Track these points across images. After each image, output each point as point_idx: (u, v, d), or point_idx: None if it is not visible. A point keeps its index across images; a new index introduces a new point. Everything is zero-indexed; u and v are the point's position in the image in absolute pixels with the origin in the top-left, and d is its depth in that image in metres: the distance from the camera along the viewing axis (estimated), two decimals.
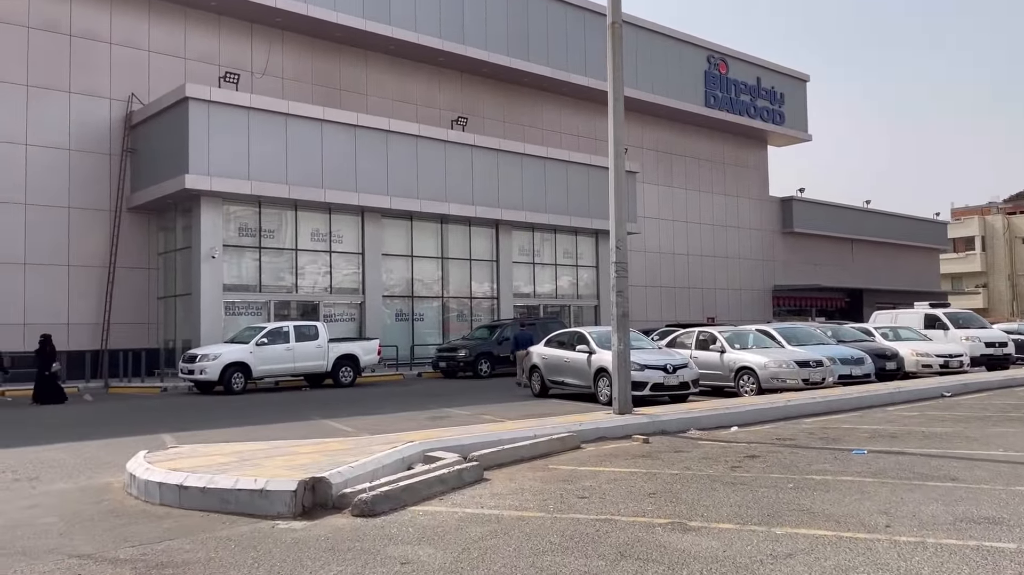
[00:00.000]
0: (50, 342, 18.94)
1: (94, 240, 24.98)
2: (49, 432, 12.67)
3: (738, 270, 45.22)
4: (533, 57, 34.22)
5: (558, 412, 13.34)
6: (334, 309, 26.90)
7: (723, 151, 45.09)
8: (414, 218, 28.75)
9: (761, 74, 45.14)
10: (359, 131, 26.41)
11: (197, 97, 23.08)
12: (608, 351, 14.78)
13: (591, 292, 34.55)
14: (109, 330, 24.79)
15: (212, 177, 23.06)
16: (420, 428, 11.60)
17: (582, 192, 32.83)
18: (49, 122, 24.45)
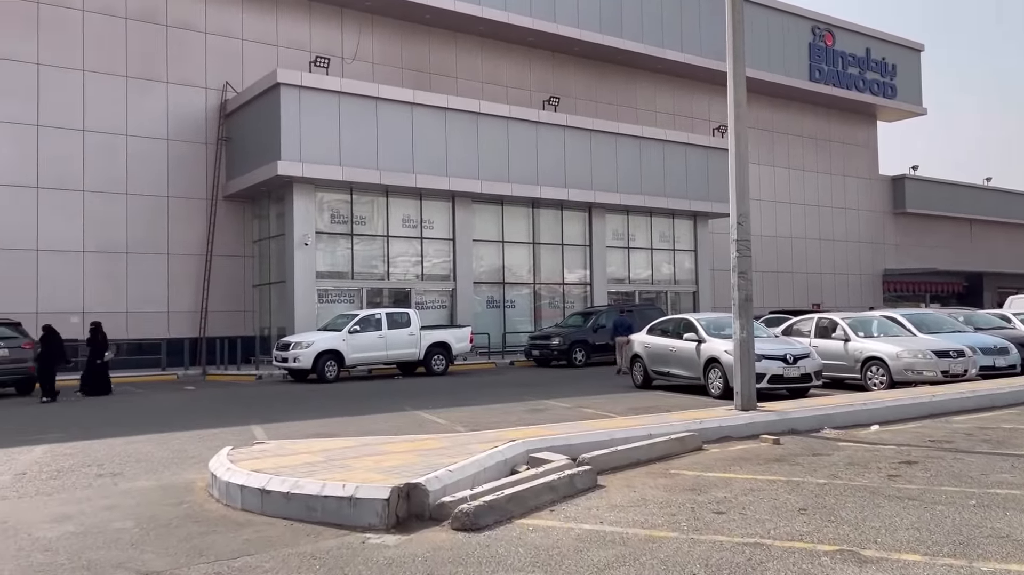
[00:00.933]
0: (100, 330, 18.07)
1: (192, 229, 25.25)
2: (142, 420, 12.46)
3: (844, 253, 42.70)
4: (626, 33, 32.86)
5: (667, 406, 12.30)
6: (425, 296, 26.45)
7: (829, 128, 42.56)
8: (505, 202, 27.99)
9: (871, 44, 42.32)
10: (449, 114, 25.77)
11: (288, 83, 22.88)
12: (719, 340, 13.65)
13: (689, 278, 33.06)
14: (207, 318, 25.03)
15: (304, 163, 22.85)
16: (519, 423, 10.76)
17: (679, 172, 31.36)
18: (148, 113, 24.78)
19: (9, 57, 22.83)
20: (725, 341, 13.78)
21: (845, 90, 40.84)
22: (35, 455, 9.25)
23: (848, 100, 41.47)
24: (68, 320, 23.31)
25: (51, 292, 22.98)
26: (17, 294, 22.39)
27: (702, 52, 35.21)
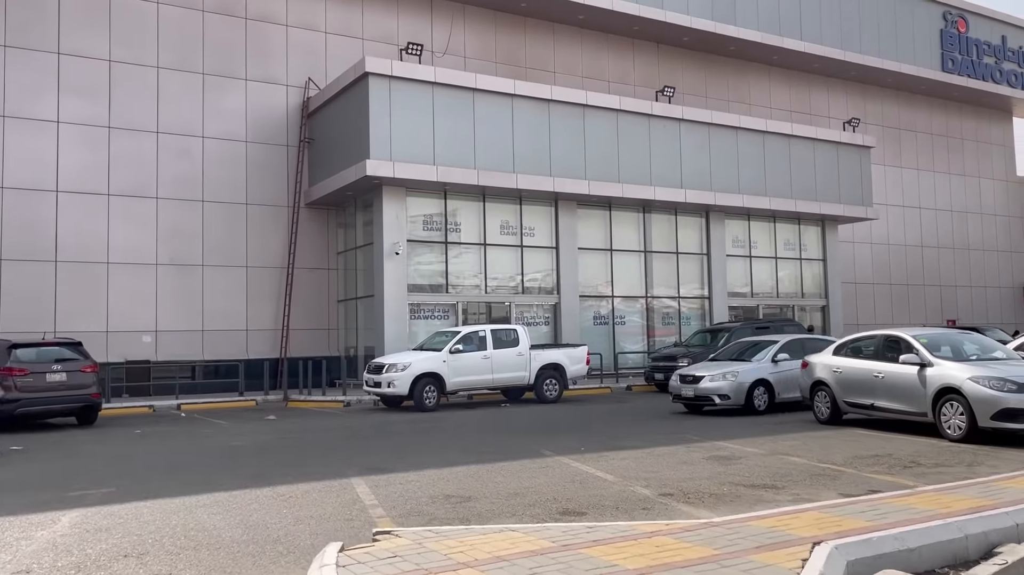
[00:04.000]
0: None
1: (272, 239, 22.99)
2: (210, 467, 9.80)
3: (981, 264, 38.09)
4: (740, 21, 29.55)
5: (907, 456, 8.98)
6: (526, 311, 23.52)
7: (960, 124, 38.17)
8: (613, 206, 24.92)
9: (1006, 32, 37.86)
10: (553, 107, 22.93)
11: (378, 72, 20.41)
12: (954, 364, 10.27)
13: (817, 290, 29.30)
14: (288, 337, 22.66)
15: (395, 163, 20.29)
16: (719, 479, 7.64)
17: (807, 172, 27.76)
18: (225, 113, 22.70)
19: (78, 53, 21.03)
20: (965, 365, 10.39)
21: (981, 81, 36.49)
22: (59, 529, 6.58)
23: (983, 93, 37.09)
24: (140, 339, 21.28)
25: (121, 309, 20.94)
26: (85, 311, 20.41)
27: (822, 41, 31.61)
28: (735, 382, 14.41)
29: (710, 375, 14.62)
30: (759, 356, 15.21)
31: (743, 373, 14.52)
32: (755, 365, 14.86)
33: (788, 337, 15.85)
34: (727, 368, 14.78)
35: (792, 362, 14.56)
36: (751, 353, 15.63)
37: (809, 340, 15.85)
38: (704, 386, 14.58)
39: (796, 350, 14.93)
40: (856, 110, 33.47)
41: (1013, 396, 9.61)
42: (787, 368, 14.62)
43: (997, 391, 9.72)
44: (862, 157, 29.39)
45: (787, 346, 15.13)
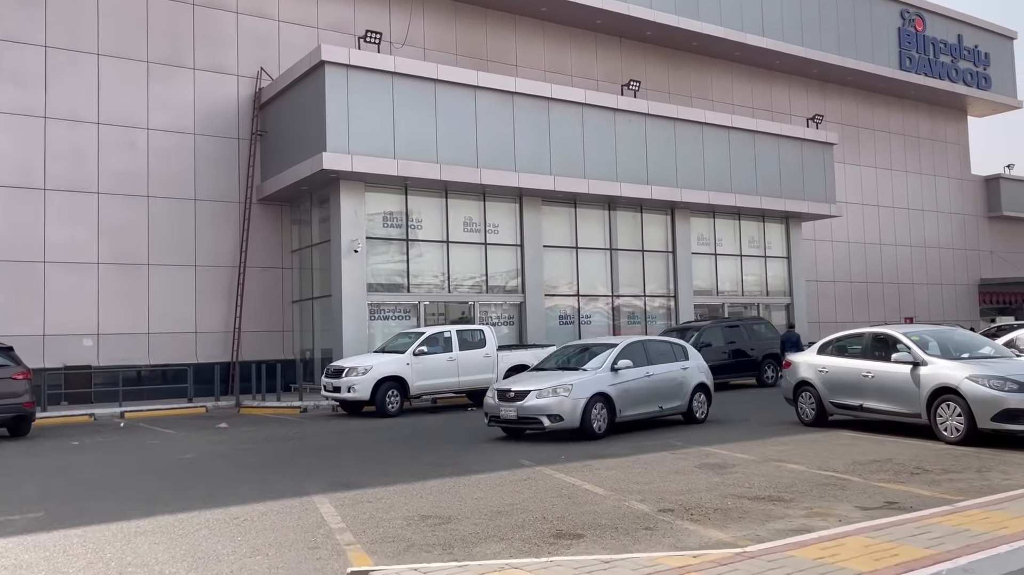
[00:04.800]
0: None
1: (222, 236, 21.84)
2: (155, 484, 8.84)
3: (937, 262, 38.45)
4: (703, 16, 29.21)
5: (904, 459, 8.45)
6: (490, 310, 22.75)
7: (917, 123, 38.50)
8: (578, 203, 24.29)
9: (962, 31, 38.31)
10: (517, 100, 22.20)
11: (335, 61, 19.44)
12: (950, 363, 9.81)
13: (781, 288, 29.08)
14: (240, 339, 21.54)
15: (353, 156, 19.35)
16: (720, 492, 7.00)
17: (771, 169, 27.51)
18: (172, 103, 21.48)
19: (10, 38, 19.66)
20: (961, 364, 9.93)
21: (937, 80, 36.81)
22: None
23: (939, 92, 37.44)
24: (80, 343, 19.99)
25: (60, 311, 19.63)
26: (19, 314, 19.07)
27: (784, 37, 31.46)
28: (568, 398, 11.14)
29: (537, 390, 11.30)
30: (595, 364, 12.09)
31: (578, 386, 11.29)
32: (591, 375, 11.69)
33: (628, 340, 12.90)
34: (558, 380, 11.51)
35: (636, 370, 12.02)
36: (583, 360, 12.55)
37: (652, 343, 13.32)
38: (531, 404, 11.20)
39: (639, 355, 12.34)
40: (816, 108, 33.41)
41: (1014, 396, 9.17)
42: (630, 378, 11.91)
43: (998, 391, 9.26)
44: (825, 154, 29.27)
45: (629, 351, 12.29)
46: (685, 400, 12.80)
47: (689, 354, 13.42)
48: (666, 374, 12.56)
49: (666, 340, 13.78)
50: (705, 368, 13.49)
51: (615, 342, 12.67)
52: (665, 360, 12.76)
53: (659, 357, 12.70)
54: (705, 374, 13.36)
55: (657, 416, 12.47)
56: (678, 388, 12.73)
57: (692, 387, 12.92)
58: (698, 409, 13.06)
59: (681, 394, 12.77)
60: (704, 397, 13.22)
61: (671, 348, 13.22)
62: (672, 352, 13.14)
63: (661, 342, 13.58)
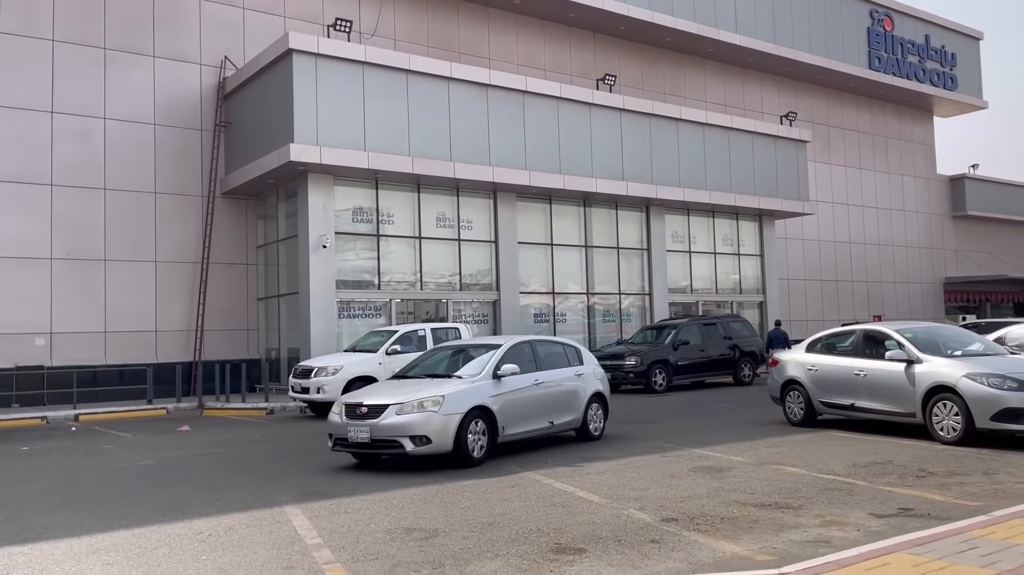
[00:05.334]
0: None
1: (184, 231, 20.99)
2: (110, 494, 8.16)
3: (905, 260, 38.72)
4: (677, 11, 28.95)
5: (904, 461, 8.11)
6: (463, 308, 22.21)
7: (885, 123, 38.72)
8: (553, 199, 23.84)
9: (930, 31, 38.60)
10: (491, 92, 21.67)
11: (303, 49, 18.74)
12: (945, 360, 9.51)
13: (754, 286, 28.94)
14: (202, 338, 20.72)
15: (322, 148, 18.67)
16: (717, 496, 6.56)
17: (746, 166, 27.33)
18: (130, 92, 20.59)
19: None
20: (958, 361, 9.63)
21: (906, 80, 37.04)
22: None
23: (907, 91, 37.66)
24: (32, 342, 19.04)
25: (10, 308, 18.66)
26: None
27: (757, 35, 31.34)
28: (438, 415, 8.75)
29: (398, 403, 8.85)
30: (472, 370, 9.82)
31: (451, 399, 8.93)
32: (468, 384, 9.34)
33: (514, 340, 10.51)
34: (426, 391, 9.08)
35: (523, 378, 9.90)
36: (457, 364, 10.32)
37: (542, 343, 11.11)
38: (389, 423, 8.72)
39: (526, 359, 10.20)
40: (787, 107, 33.36)
41: (1014, 395, 8.88)
42: (516, 387, 9.74)
43: (997, 389, 8.98)
44: (799, 151, 29.19)
45: (514, 353, 10.12)
46: (579, 413, 10.74)
47: (583, 357, 11.38)
48: (558, 382, 10.49)
49: (557, 341, 11.81)
50: (602, 374, 11.60)
51: (498, 342, 10.44)
52: (556, 364, 10.72)
53: (549, 361, 10.64)
54: (602, 381, 11.44)
55: (547, 434, 10.37)
56: (572, 398, 10.66)
57: (587, 397, 10.90)
58: (593, 423, 10.99)
59: (575, 406, 10.70)
60: (600, 409, 11.22)
61: (563, 350, 11.19)
62: (564, 355, 11.07)
63: (552, 343, 11.48)
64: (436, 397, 8.93)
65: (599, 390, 11.22)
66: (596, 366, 11.54)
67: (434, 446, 8.78)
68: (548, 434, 10.41)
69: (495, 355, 9.88)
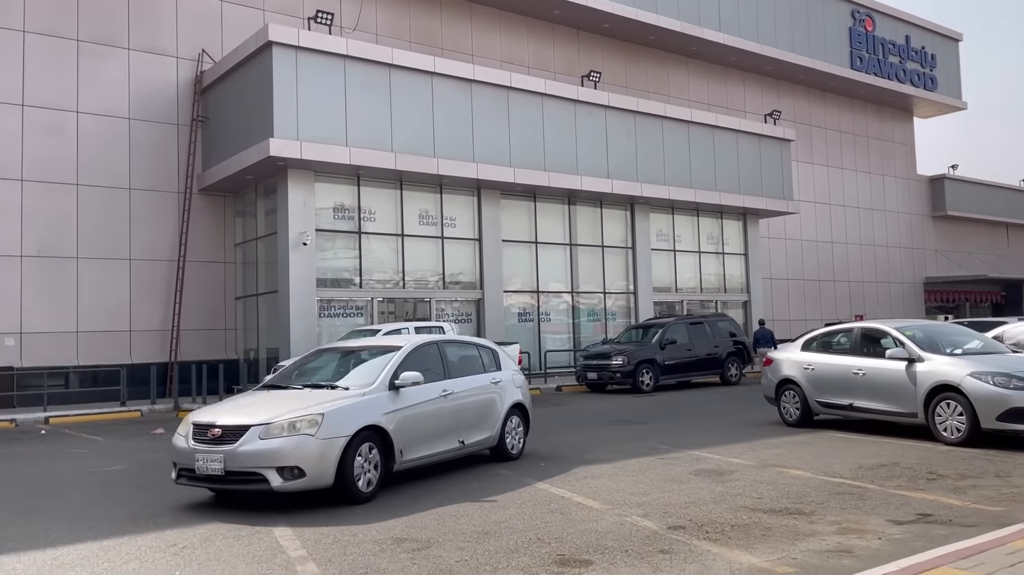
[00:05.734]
0: None
1: (160, 228, 20.42)
2: (79, 504, 7.70)
3: (886, 260, 38.81)
4: (661, 9, 28.73)
5: (911, 463, 7.84)
6: (447, 307, 21.82)
7: (866, 123, 38.79)
8: (537, 197, 23.53)
9: (910, 32, 38.72)
10: (475, 88, 21.30)
11: (283, 42, 18.26)
12: (948, 359, 9.28)
13: (739, 285, 28.79)
14: (179, 338, 20.17)
15: (302, 143, 18.21)
16: (723, 501, 6.23)
17: (730, 165, 27.16)
18: (104, 85, 19.99)
19: None
20: (961, 360, 9.40)
21: (887, 80, 37.10)
22: None
23: (887, 92, 37.74)
24: (2, 343, 18.40)
25: None
26: None
27: (740, 34, 31.20)
28: (315, 439, 6.83)
29: (263, 424, 6.89)
30: (362, 378, 7.90)
31: (333, 416, 7.03)
32: (356, 397, 7.42)
33: (417, 341, 8.75)
34: (299, 407, 7.11)
35: (428, 388, 8.09)
36: (343, 371, 8.38)
37: (451, 345, 9.37)
38: (249, 450, 6.77)
39: (432, 364, 8.52)
40: (770, 106, 33.28)
41: (1021, 394, 8.66)
42: (419, 400, 7.95)
43: (1003, 388, 8.76)
44: (783, 150, 29.10)
45: (417, 357, 8.34)
46: (495, 429, 9.03)
47: (501, 362, 9.67)
48: (471, 392, 8.77)
49: (471, 342, 9.99)
50: (522, 381, 9.85)
51: (397, 344, 8.57)
52: (470, 370, 9.06)
53: (462, 367, 9.01)
54: (522, 389, 9.68)
55: (456, 456, 8.58)
56: (487, 411, 8.95)
57: (505, 409, 9.18)
58: (511, 438, 9.26)
59: (491, 420, 8.99)
60: (520, 423, 9.52)
61: (478, 353, 9.47)
62: (479, 359, 9.37)
63: (465, 344, 9.78)
64: (313, 416, 6.90)
65: (519, 400, 9.48)
66: (516, 372, 9.87)
67: (309, 479, 6.75)
68: (458, 456, 8.61)
69: (393, 360, 7.98)
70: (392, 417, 7.56)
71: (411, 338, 9.04)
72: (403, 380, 7.75)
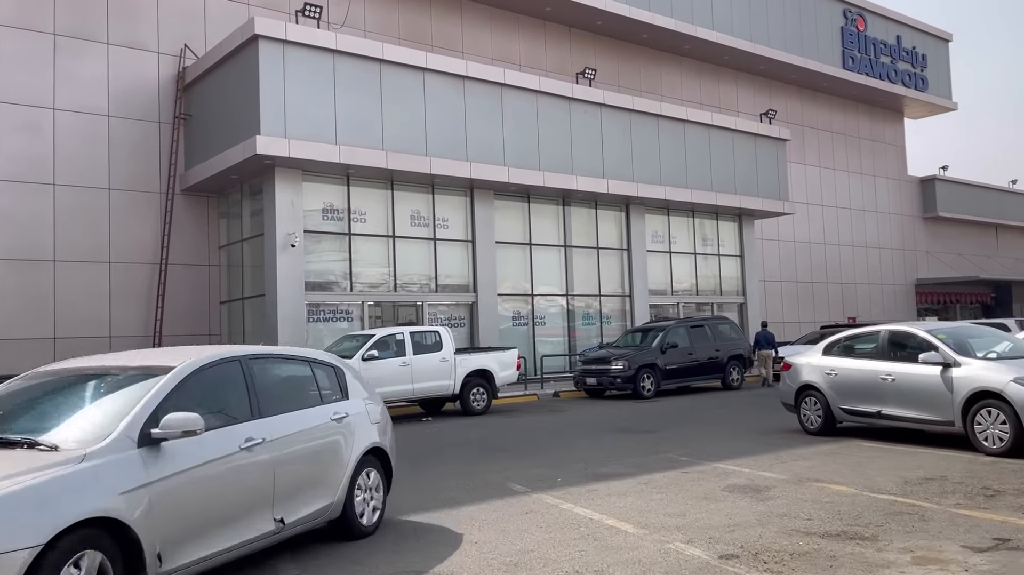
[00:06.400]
0: None
1: (140, 230, 19.60)
2: None
3: (878, 262, 38.54)
4: (655, 7, 28.23)
5: (960, 477, 7.28)
6: (439, 311, 21.14)
7: (857, 123, 38.53)
8: (531, 197, 22.92)
9: (901, 32, 38.51)
10: (468, 84, 20.67)
11: (270, 35, 17.53)
12: (982, 361, 8.74)
13: (734, 287, 28.32)
14: (161, 344, 19.33)
15: (290, 140, 17.48)
16: (771, 523, 5.63)
17: (726, 164, 26.68)
18: (82, 81, 19.16)
19: None
20: (1000, 364, 8.87)
21: (878, 80, 36.84)
22: None
23: (879, 92, 37.48)
24: None
25: None
26: None
27: (733, 32, 30.78)
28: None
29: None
30: (87, 425, 4.67)
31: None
32: (69, 467, 4.13)
33: (204, 358, 5.31)
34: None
35: (217, 437, 5.00)
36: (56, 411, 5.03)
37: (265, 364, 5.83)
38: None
39: (230, 396, 5.42)
40: (763, 106, 32.88)
41: None
42: (200, 460, 4.82)
43: None
44: (779, 150, 28.68)
45: (196, 387, 5.13)
46: (339, 492, 5.98)
47: (348, 386, 6.57)
48: (297, 437, 5.67)
49: (299, 356, 6.46)
50: (381, 413, 6.79)
51: (165, 363, 5.16)
52: (295, 402, 5.96)
53: (281, 397, 5.84)
54: (381, 426, 6.69)
55: (272, 542, 5.43)
56: (325, 465, 5.92)
57: (355, 459, 6.18)
58: (363, 505, 6.27)
59: (331, 479, 5.94)
60: (380, 478, 6.53)
61: (310, 373, 6.31)
62: (312, 382, 6.28)
63: (288, 360, 6.33)
64: None
65: (375, 443, 6.45)
66: (371, 400, 6.75)
67: None
68: (275, 542, 5.47)
69: (150, 394, 4.80)
70: (140, 496, 4.33)
71: (198, 353, 5.41)
72: (166, 428, 4.52)
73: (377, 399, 6.92)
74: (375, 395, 6.95)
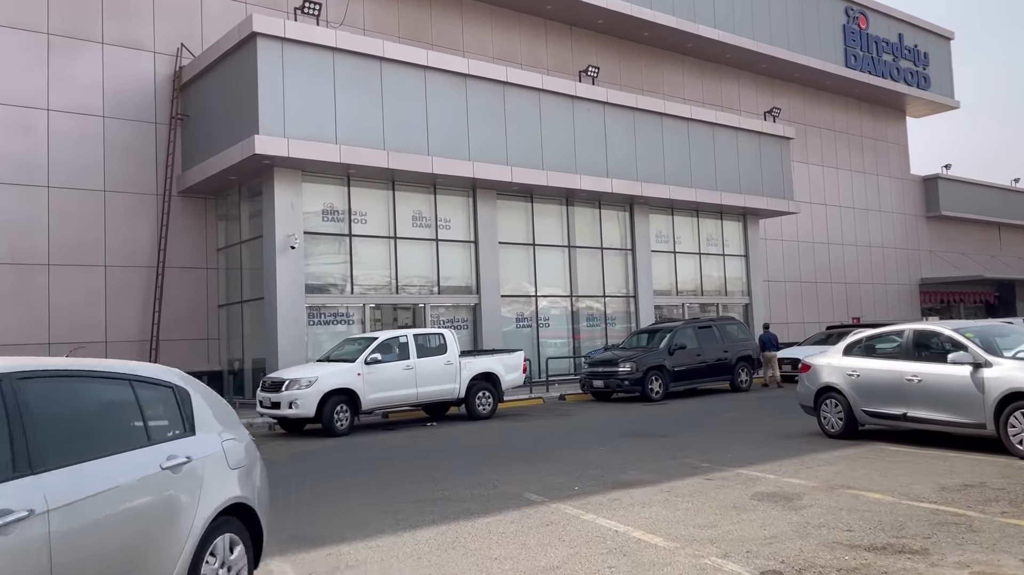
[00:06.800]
0: None
1: (137, 233, 19.22)
2: None
3: (881, 261, 38.22)
4: (656, 5, 27.91)
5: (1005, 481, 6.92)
6: (442, 313, 20.77)
7: (860, 122, 38.23)
8: (535, 197, 22.56)
9: (903, 30, 38.23)
10: (470, 83, 20.31)
11: (268, 33, 17.16)
12: (1014, 361, 8.38)
13: (739, 288, 27.97)
14: (158, 349, 18.95)
15: (289, 140, 17.11)
16: (810, 534, 5.27)
17: (730, 163, 26.35)
18: (76, 81, 18.79)
19: None
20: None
21: (881, 78, 36.54)
22: None
23: (881, 90, 37.19)
24: None
25: None
26: None
27: (735, 31, 30.47)
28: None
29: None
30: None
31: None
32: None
33: None
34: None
35: None
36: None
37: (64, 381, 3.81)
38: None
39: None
40: (765, 105, 32.58)
41: None
42: None
43: None
44: (783, 149, 28.36)
45: None
46: None
47: (195, 414, 4.72)
48: (102, 504, 3.59)
49: (113, 372, 4.17)
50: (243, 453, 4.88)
51: None
52: (104, 445, 3.83)
53: (77, 438, 3.74)
54: (245, 470, 4.79)
55: None
56: (151, 542, 3.86)
57: (203, 524, 4.19)
58: None
59: (158, 565, 3.88)
60: (242, 551, 4.57)
61: (133, 397, 4.22)
62: (136, 412, 4.22)
63: (96, 379, 4.06)
64: None
65: (236, 496, 4.57)
66: (230, 433, 4.88)
67: None
68: None
69: None
70: None
71: None
72: None
73: (242, 432, 4.95)
74: (238, 426, 4.98)
